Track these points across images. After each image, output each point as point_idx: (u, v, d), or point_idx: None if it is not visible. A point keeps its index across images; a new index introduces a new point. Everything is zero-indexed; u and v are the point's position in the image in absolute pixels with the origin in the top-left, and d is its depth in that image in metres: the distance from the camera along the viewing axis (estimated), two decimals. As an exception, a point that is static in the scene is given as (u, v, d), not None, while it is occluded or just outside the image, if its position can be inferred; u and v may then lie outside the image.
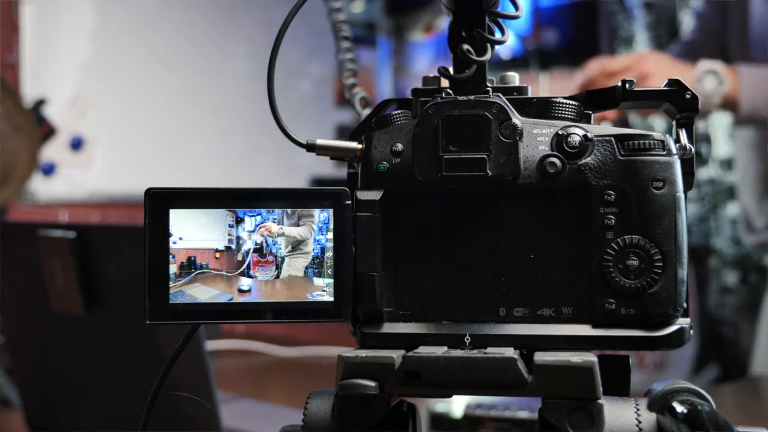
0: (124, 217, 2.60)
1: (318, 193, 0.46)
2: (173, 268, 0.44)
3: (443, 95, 0.46)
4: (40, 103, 2.48)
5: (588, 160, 0.45)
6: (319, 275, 0.45)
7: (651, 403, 0.42)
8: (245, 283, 0.45)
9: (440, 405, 0.99)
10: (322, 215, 0.46)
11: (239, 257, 0.45)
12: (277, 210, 0.45)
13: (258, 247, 0.45)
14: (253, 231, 0.45)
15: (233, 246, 0.45)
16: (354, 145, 0.49)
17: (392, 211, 0.47)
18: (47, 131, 2.51)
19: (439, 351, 0.43)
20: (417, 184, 0.46)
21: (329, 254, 0.46)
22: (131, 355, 0.94)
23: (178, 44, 2.95)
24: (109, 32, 2.78)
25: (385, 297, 0.47)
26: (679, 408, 0.40)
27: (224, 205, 0.45)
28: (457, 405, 0.98)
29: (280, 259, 0.45)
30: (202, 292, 0.44)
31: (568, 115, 0.47)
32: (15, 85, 2.45)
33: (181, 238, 0.44)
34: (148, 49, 2.88)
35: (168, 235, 0.44)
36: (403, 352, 0.43)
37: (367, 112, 0.61)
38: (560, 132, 0.45)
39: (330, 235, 0.46)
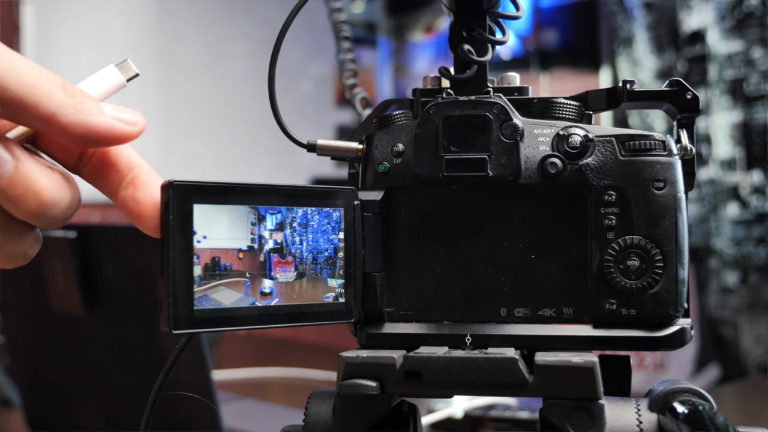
0: (124, 217, 2.60)
1: (333, 192, 0.45)
2: (197, 270, 0.39)
3: (444, 95, 0.46)
4: (40, 103, 2.47)
5: (589, 160, 0.45)
6: (332, 276, 0.44)
7: (652, 404, 0.42)
8: (267, 285, 0.42)
9: (441, 405, 0.99)
10: (334, 214, 0.45)
11: (261, 257, 0.42)
12: (295, 208, 0.43)
13: (278, 246, 0.43)
14: (274, 229, 0.42)
15: (255, 246, 0.42)
16: (355, 145, 0.49)
17: (393, 212, 0.47)
18: (47, 131, 2.50)
19: (440, 351, 0.43)
20: (418, 185, 0.46)
21: (341, 254, 0.45)
22: (131, 355, 0.94)
23: (178, 44, 2.95)
24: (108, 32, 2.78)
25: (386, 297, 0.47)
26: (680, 408, 0.40)
27: (248, 201, 0.42)
28: (458, 405, 0.98)
29: (298, 260, 0.43)
30: (227, 296, 0.40)
31: (569, 115, 0.47)
32: (15, 85, 2.45)
33: (205, 237, 0.40)
34: (148, 50, 2.88)
35: (192, 233, 0.39)
36: (404, 352, 0.43)
37: (367, 112, 0.61)
38: (561, 132, 0.45)
39: (342, 235, 0.45)
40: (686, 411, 0.40)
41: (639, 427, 0.41)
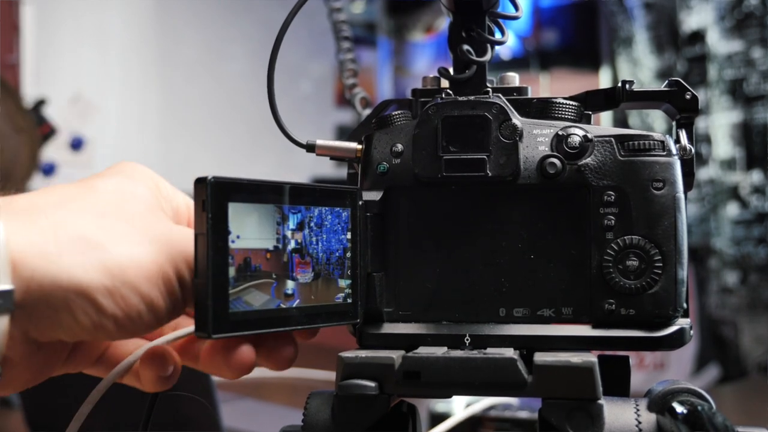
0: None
1: (343, 192, 0.45)
2: (231, 272, 0.38)
3: (443, 96, 0.46)
4: (40, 103, 2.48)
5: (588, 160, 0.45)
6: (342, 276, 0.44)
7: (651, 404, 0.42)
8: (290, 286, 0.41)
9: (440, 405, 0.99)
10: (343, 214, 0.45)
11: (284, 258, 0.41)
12: (312, 207, 0.43)
13: (299, 247, 0.42)
14: (295, 229, 0.42)
15: (280, 246, 0.41)
16: (354, 145, 0.49)
17: (392, 212, 0.47)
18: (47, 131, 2.50)
19: (439, 351, 0.43)
20: (417, 185, 0.46)
21: (349, 254, 0.45)
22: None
23: (178, 44, 2.95)
24: (109, 32, 2.78)
25: (385, 297, 0.47)
26: (679, 408, 0.40)
27: (274, 200, 0.41)
28: (457, 405, 0.98)
29: (314, 260, 0.43)
30: (257, 298, 0.39)
31: (568, 115, 0.47)
32: (15, 85, 2.45)
33: (239, 237, 0.38)
34: (149, 50, 2.88)
35: (228, 232, 0.38)
36: (402, 352, 0.43)
37: (367, 112, 0.61)
38: (560, 132, 0.45)
39: (350, 235, 0.45)
40: (685, 411, 0.40)
41: (638, 428, 0.41)
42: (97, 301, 0.35)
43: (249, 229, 0.39)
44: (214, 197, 0.37)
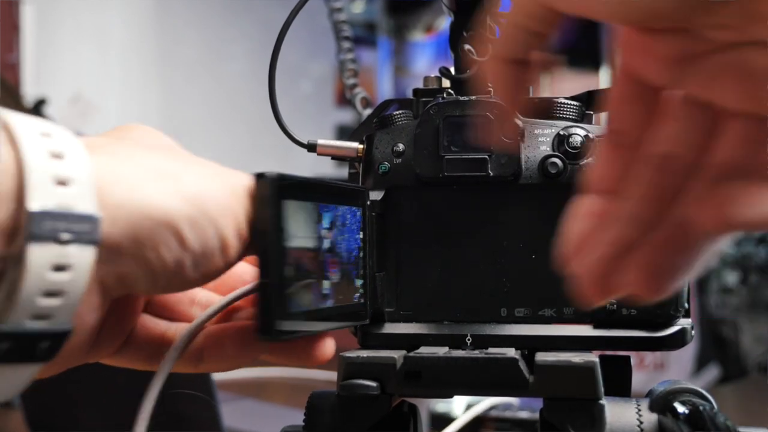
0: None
1: (359, 191, 0.44)
2: (290, 271, 0.36)
3: (444, 95, 0.46)
4: (40, 103, 2.48)
5: (590, 160, 0.45)
6: (357, 276, 0.44)
7: (652, 404, 0.42)
8: (326, 286, 0.40)
9: (441, 405, 0.99)
10: (358, 213, 0.44)
11: (321, 257, 0.39)
12: (339, 206, 0.41)
13: (331, 246, 0.40)
14: (328, 228, 0.40)
15: (318, 245, 0.39)
16: (355, 145, 0.49)
17: (393, 212, 0.47)
18: (47, 131, 2.50)
19: (441, 351, 0.43)
20: (418, 185, 0.46)
21: (361, 254, 0.44)
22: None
23: (178, 44, 2.95)
24: (109, 32, 2.78)
25: (386, 297, 0.47)
26: (681, 408, 0.40)
27: (315, 198, 0.39)
28: (458, 405, 0.98)
29: (341, 259, 0.41)
30: (306, 299, 0.38)
31: (570, 115, 0.47)
32: (15, 85, 2.45)
33: (293, 236, 0.37)
34: (149, 50, 2.88)
35: (286, 231, 0.36)
36: (404, 352, 0.43)
37: (368, 112, 0.61)
38: (562, 132, 0.45)
39: (362, 234, 0.44)
40: (687, 411, 0.40)
41: (640, 428, 0.41)
42: (181, 232, 0.33)
43: (298, 228, 0.37)
44: (274, 195, 0.35)
